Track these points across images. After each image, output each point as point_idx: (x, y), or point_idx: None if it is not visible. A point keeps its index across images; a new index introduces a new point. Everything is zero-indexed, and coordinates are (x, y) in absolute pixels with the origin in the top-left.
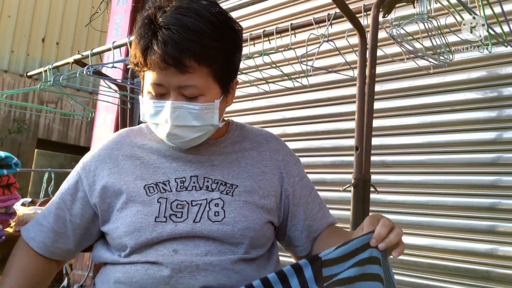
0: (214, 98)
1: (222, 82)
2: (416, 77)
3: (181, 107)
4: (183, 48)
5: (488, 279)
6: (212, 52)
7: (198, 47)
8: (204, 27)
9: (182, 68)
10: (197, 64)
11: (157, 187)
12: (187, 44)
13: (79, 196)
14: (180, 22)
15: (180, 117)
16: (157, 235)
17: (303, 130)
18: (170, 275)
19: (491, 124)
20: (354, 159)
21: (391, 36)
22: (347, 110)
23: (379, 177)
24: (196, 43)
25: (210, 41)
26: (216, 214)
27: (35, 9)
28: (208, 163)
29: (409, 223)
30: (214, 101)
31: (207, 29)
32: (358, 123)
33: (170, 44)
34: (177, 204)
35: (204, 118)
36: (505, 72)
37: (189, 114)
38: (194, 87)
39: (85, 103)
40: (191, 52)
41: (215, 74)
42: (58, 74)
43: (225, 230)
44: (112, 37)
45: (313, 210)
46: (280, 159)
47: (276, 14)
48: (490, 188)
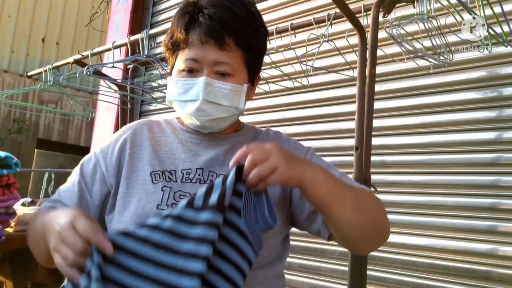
0: (243, 82)
1: (251, 70)
2: (416, 77)
3: (213, 84)
4: (227, 25)
5: (488, 279)
6: (249, 38)
7: (240, 28)
8: (245, 15)
9: (222, 43)
10: (234, 45)
11: (163, 175)
12: (231, 23)
13: (97, 177)
14: (225, 5)
15: (211, 93)
16: None
17: (303, 130)
18: None
19: (491, 124)
20: (354, 159)
21: (391, 36)
22: (347, 110)
23: (379, 177)
24: (238, 24)
25: (250, 28)
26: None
27: (35, 9)
28: (216, 157)
29: (409, 223)
30: (243, 85)
31: (248, 17)
32: (358, 123)
33: (216, 19)
34: (180, 194)
35: (232, 99)
36: (505, 72)
37: (219, 92)
38: (228, 64)
39: (85, 103)
40: (233, 31)
41: (247, 60)
42: (58, 74)
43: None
44: (112, 37)
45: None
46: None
47: (276, 14)
48: (490, 188)
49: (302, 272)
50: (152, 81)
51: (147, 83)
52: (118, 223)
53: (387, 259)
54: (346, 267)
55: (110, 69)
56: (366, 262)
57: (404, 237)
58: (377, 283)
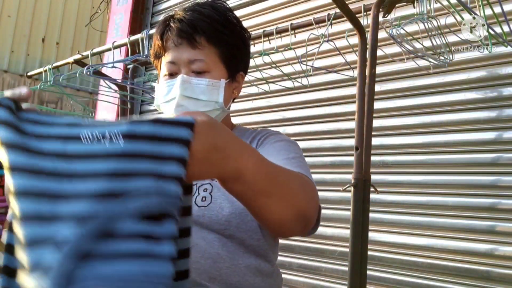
0: (220, 77)
1: (229, 66)
2: (416, 77)
3: (190, 81)
4: (196, 25)
5: (488, 279)
6: (220, 35)
7: (209, 27)
8: (216, 15)
9: (193, 43)
10: (206, 42)
11: None
12: (199, 23)
13: None
14: (195, 9)
15: (189, 89)
16: None
17: (303, 130)
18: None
19: (491, 124)
20: (354, 159)
21: (391, 36)
22: (347, 110)
23: (379, 177)
24: (208, 24)
25: (220, 26)
26: (203, 200)
27: (35, 9)
28: None
29: (409, 223)
30: (220, 80)
31: (218, 17)
32: (358, 123)
33: (185, 22)
34: None
35: (210, 93)
36: (505, 72)
37: (197, 88)
38: (203, 61)
39: (85, 103)
40: (202, 30)
41: (223, 56)
42: (58, 74)
43: (210, 216)
44: (112, 37)
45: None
46: (261, 138)
47: (276, 14)
48: (490, 188)
49: (302, 272)
50: (152, 81)
51: (147, 83)
52: None
53: (387, 259)
54: (346, 267)
55: (110, 69)
56: (366, 262)
57: (404, 237)
58: (377, 283)
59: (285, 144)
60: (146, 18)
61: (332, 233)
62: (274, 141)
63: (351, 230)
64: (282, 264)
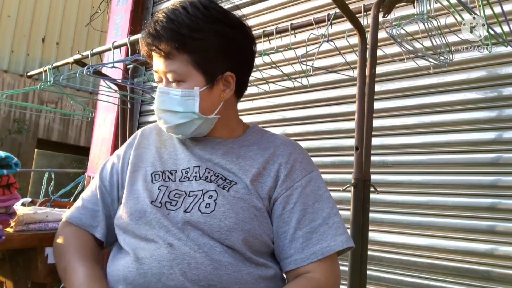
0: (195, 86)
1: (206, 72)
2: (416, 77)
3: (167, 93)
4: (161, 36)
5: (488, 279)
6: (190, 41)
7: (176, 35)
8: (185, 19)
9: (162, 54)
10: (176, 51)
11: (163, 175)
12: (165, 32)
13: (114, 180)
14: (166, 15)
15: (165, 102)
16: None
17: (303, 130)
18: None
19: (491, 124)
20: (354, 159)
21: (391, 36)
22: (347, 110)
23: (379, 177)
24: (174, 31)
25: (189, 31)
26: (206, 206)
27: (35, 9)
28: (214, 158)
29: (409, 223)
30: (194, 88)
31: (187, 21)
32: (358, 123)
33: (152, 34)
34: (176, 193)
35: (185, 104)
36: (505, 72)
37: (173, 100)
38: (174, 72)
39: (85, 103)
40: (168, 39)
41: (196, 62)
42: (58, 74)
43: (211, 223)
44: (112, 37)
45: (312, 223)
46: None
47: (276, 14)
48: (490, 188)
49: None
50: (152, 81)
51: (147, 83)
52: (118, 218)
53: (387, 259)
54: (346, 267)
55: (110, 69)
56: (366, 262)
57: (404, 237)
58: (377, 283)
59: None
60: (146, 18)
61: None
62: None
63: (351, 230)
64: None
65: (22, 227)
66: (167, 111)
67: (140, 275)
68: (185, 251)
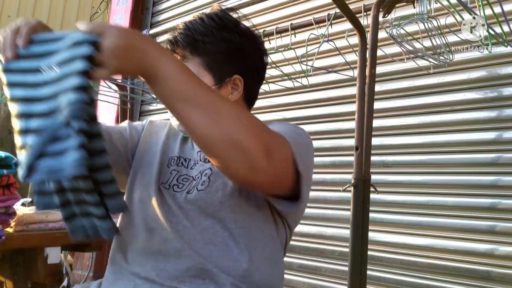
0: None
1: (215, 74)
2: (416, 77)
3: None
4: (178, 41)
5: (488, 279)
6: (201, 45)
7: (190, 40)
8: (200, 27)
9: (178, 57)
10: (190, 54)
11: (178, 160)
12: (181, 37)
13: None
14: (185, 25)
15: None
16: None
17: None
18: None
19: (491, 124)
20: (354, 159)
21: (391, 36)
22: (347, 110)
23: (379, 177)
24: (189, 37)
25: (201, 36)
26: (202, 184)
27: (35, 9)
28: None
29: (409, 223)
30: None
31: (202, 28)
32: (358, 123)
33: (171, 40)
34: (184, 178)
35: None
36: (505, 72)
37: None
38: None
39: None
40: (183, 43)
41: (207, 64)
42: None
43: (205, 199)
44: None
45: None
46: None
47: (276, 14)
48: (490, 188)
49: (302, 272)
50: None
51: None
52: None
53: (387, 259)
54: (346, 267)
55: None
56: (366, 262)
57: (404, 237)
58: (377, 283)
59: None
60: (146, 18)
61: (332, 233)
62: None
63: (351, 230)
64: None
65: (22, 227)
66: None
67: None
68: (179, 229)
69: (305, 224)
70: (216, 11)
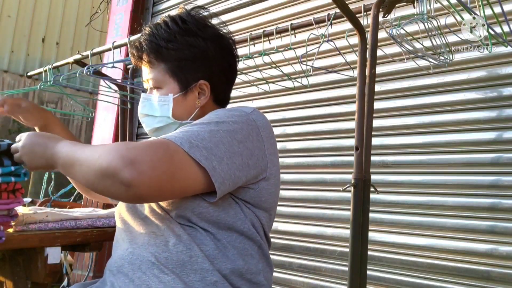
0: (170, 92)
1: (181, 80)
2: (416, 77)
3: (148, 99)
4: (142, 47)
5: (488, 279)
6: (165, 51)
7: (154, 46)
8: (164, 32)
9: (143, 62)
10: (155, 60)
11: None
12: (146, 43)
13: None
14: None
15: (146, 107)
16: None
17: (303, 130)
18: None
19: (491, 124)
20: (354, 159)
21: (391, 36)
22: (347, 110)
23: (379, 177)
24: (153, 43)
25: (165, 42)
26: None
27: (35, 9)
28: None
29: (409, 223)
30: (168, 95)
31: (165, 34)
32: (358, 123)
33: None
34: None
35: (161, 109)
36: (505, 72)
37: (152, 105)
38: (153, 79)
39: (85, 103)
40: (148, 49)
41: (171, 71)
42: (58, 74)
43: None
44: (112, 37)
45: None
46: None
47: (276, 14)
48: (490, 188)
49: (302, 272)
50: None
51: None
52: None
53: (387, 259)
54: (346, 267)
55: (110, 69)
56: (366, 262)
57: (404, 237)
58: (377, 283)
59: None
60: (146, 18)
61: (332, 233)
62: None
63: (351, 230)
64: (282, 264)
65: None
66: (147, 115)
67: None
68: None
69: (305, 224)
70: (181, 14)
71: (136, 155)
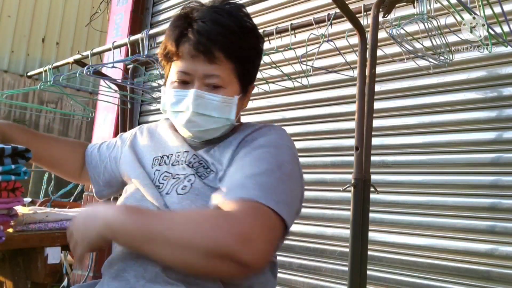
0: (234, 93)
1: (243, 82)
2: (416, 77)
3: (203, 97)
4: (215, 39)
5: (488, 279)
6: (238, 50)
7: (228, 42)
8: (234, 27)
9: (211, 57)
10: (224, 58)
11: (161, 159)
12: (218, 37)
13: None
14: (214, 18)
15: (201, 105)
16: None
17: (303, 130)
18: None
19: (491, 124)
20: (354, 159)
21: (391, 36)
22: (347, 110)
23: (379, 177)
24: (226, 38)
25: (238, 40)
26: (183, 188)
27: (35, 9)
28: (205, 148)
29: (409, 223)
30: (234, 96)
31: (237, 29)
32: (358, 123)
33: (204, 34)
34: (164, 176)
35: (222, 110)
36: (505, 72)
37: (209, 104)
38: (218, 77)
39: (85, 103)
40: (221, 45)
41: (238, 72)
42: (58, 74)
43: (183, 205)
44: (112, 37)
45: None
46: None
47: (276, 14)
48: (490, 188)
49: (302, 272)
50: (152, 81)
51: (147, 83)
52: (125, 197)
53: (387, 259)
54: (346, 267)
55: (110, 69)
56: (366, 262)
57: (404, 237)
58: (377, 283)
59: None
60: (146, 18)
61: (332, 233)
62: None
63: (351, 230)
64: (282, 264)
65: (22, 227)
66: (202, 115)
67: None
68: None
69: (305, 224)
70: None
71: (245, 230)
